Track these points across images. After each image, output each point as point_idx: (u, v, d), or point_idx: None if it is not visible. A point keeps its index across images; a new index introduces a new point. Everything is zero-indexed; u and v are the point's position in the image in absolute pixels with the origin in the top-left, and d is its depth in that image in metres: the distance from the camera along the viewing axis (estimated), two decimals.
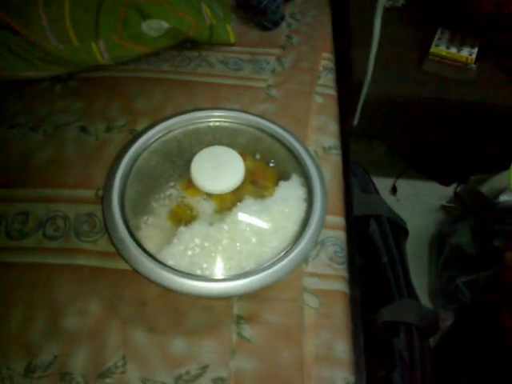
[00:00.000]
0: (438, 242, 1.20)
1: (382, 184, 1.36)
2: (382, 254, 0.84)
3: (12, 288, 0.56)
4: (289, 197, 0.52)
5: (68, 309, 0.54)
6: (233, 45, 0.86)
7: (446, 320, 1.07)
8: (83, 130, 0.71)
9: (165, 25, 0.76)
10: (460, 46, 1.02)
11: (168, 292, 0.54)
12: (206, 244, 0.47)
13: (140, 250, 0.45)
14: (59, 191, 0.64)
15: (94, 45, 0.75)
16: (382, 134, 1.22)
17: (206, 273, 0.46)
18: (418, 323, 0.71)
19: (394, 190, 1.38)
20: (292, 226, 0.50)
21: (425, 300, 1.14)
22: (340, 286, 0.58)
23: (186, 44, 0.84)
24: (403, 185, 1.38)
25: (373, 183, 0.98)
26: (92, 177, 0.65)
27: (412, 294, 0.82)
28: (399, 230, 0.92)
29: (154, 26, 0.76)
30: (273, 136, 0.56)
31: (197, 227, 0.48)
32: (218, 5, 0.90)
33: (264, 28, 0.90)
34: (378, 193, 0.97)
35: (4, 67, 0.73)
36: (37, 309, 0.54)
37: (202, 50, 0.85)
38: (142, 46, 0.79)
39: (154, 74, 0.80)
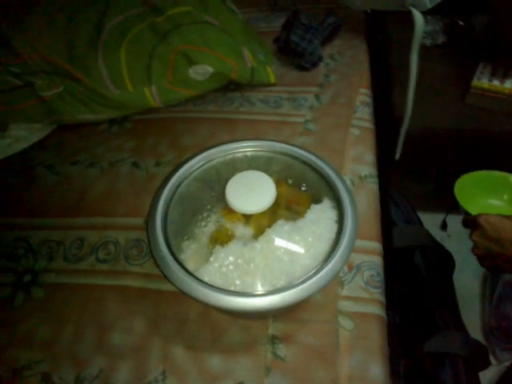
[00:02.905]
0: (492, 277, 1.15)
1: (433, 219, 1.33)
2: (427, 284, 0.83)
3: (65, 306, 0.61)
4: (320, 218, 0.54)
5: (114, 326, 0.58)
6: (273, 85, 0.92)
7: (503, 360, 1.01)
8: (135, 165, 0.78)
9: (209, 69, 0.83)
10: (503, 78, 1.02)
11: (207, 311, 0.57)
12: (240, 261, 0.50)
13: (178, 266, 0.48)
14: (112, 219, 0.70)
15: (146, 90, 0.83)
16: (427, 168, 1.21)
17: (239, 289, 0.48)
18: (464, 354, 0.69)
19: (444, 226, 1.35)
20: (323, 246, 0.51)
21: (479, 338, 1.08)
22: (375, 309, 0.58)
23: (229, 86, 0.91)
24: (454, 220, 1.34)
25: (416, 215, 0.98)
26: (141, 206, 0.70)
27: (459, 326, 0.80)
28: (446, 261, 0.90)
29: (200, 71, 0.83)
30: (305, 162, 0.59)
31: (232, 246, 0.51)
32: (260, 50, 0.97)
33: (303, 69, 0.95)
34: (421, 225, 0.97)
35: (66, 111, 0.82)
36: (86, 325, 0.59)
37: (244, 91, 0.91)
38: (190, 90, 0.87)
39: (199, 113, 0.87)
